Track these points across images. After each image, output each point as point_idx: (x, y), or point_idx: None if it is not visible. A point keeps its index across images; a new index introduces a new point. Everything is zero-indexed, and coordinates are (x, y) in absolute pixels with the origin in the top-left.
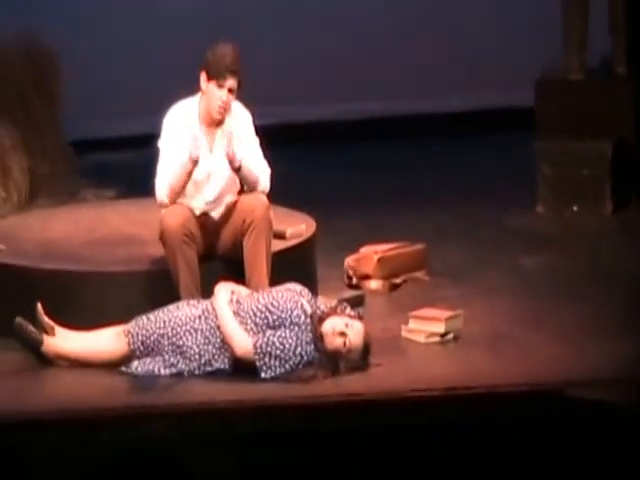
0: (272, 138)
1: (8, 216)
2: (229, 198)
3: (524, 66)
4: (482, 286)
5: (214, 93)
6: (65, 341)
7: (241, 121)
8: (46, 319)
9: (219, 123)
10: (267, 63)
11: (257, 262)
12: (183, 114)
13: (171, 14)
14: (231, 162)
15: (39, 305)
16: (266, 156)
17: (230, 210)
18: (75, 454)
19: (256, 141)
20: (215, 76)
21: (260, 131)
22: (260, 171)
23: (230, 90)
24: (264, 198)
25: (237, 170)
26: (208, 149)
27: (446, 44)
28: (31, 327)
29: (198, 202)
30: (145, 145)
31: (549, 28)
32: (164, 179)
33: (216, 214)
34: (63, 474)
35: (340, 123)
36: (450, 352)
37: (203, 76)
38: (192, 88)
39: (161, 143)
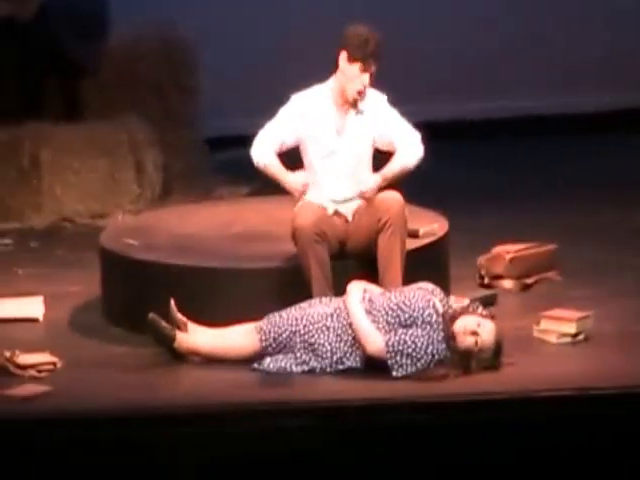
0: None
1: (142, 212)
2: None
3: None
4: (613, 286)
5: (355, 76)
6: (197, 337)
7: (376, 103)
8: (179, 315)
9: (352, 105)
10: (396, 63)
11: (391, 261)
12: (313, 93)
13: (308, 12)
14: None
15: (172, 301)
16: None
17: (364, 208)
18: (206, 448)
19: (397, 114)
20: (360, 59)
21: None
22: (410, 144)
23: (371, 74)
24: (399, 196)
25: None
26: (336, 130)
27: (575, 42)
28: (164, 323)
29: (327, 190)
30: None
31: None
32: (265, 140)
33: (347, 210)
34: (194, 468)
35: (471, 122)
36: (581, 352)
37: (343, 55)
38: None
39: (277, 116)
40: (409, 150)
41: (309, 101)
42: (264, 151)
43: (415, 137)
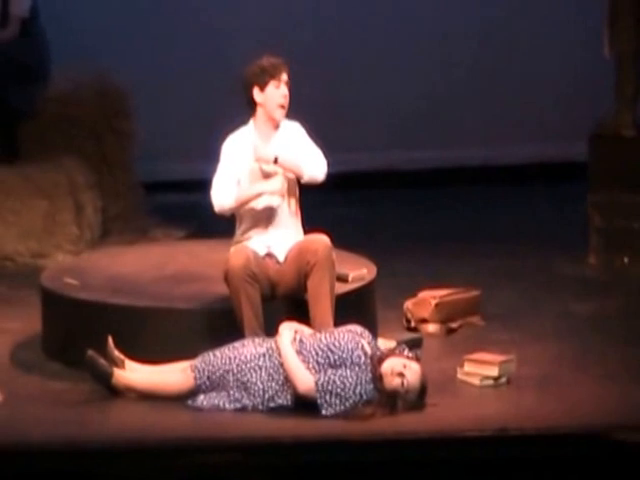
0: (338, 184)
1: (81, 253)
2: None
3: (582, 119)
4: (534, 331)
5: (274, 94)
6: (134, 374)
7: (292, 131)
8: (116, 352)
9: (275, 129)
10: (332, 113)
11: (321, 302)
12: (240, 137)
13: (243, 54)
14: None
15: (109, 339)
16: (331, 200)
17: (294, 251)
18: None
19: (309, 140)
20: (271, 77)
21: (328, 177)
22: (314, 159)
23: (286, 84)
24: (327, 240)
25: (275, 162)
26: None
27: (501, 96)
28: (102, 360)
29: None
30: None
31: (605, 80)
32: (223, 185)
33: (279, 252)
34: None
35: (399, 171)
36: (502, 394)
37: (255, 90)
38: None
39: (220, 164)
40: (314, 164)
41: (238, 140)
42: (226, 195)
43: (322, 160)
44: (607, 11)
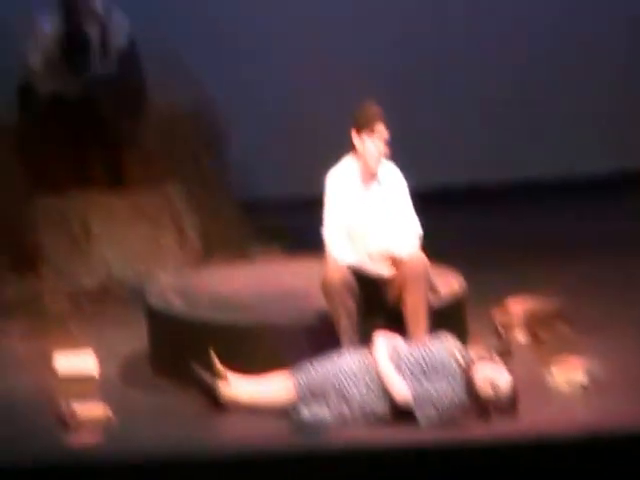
0: (425, 201)
1: (184, 273)
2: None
3: None
4: (619, 337)
5: (368, 144)
6: (237, 386)
7: (393, 179)
8: (219, 366)
9: (374, 177)
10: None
11: (416, 315)
12: (342, 175)
13: (335, 82)
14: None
15: (213, 353)
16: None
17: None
18: None
19: (407, 199)
20: (366, 125)
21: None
22: (404, 234)
23: (384, 139)
24: (423, 255)
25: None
26: (366, 204)
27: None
28: (207, 374)
29: (360, 255)
30: (308, 207)
31: None
32: (336, 236)
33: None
34: None
35: (482, 186)
36: (591, 399)
37: (354, 134)
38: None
39: (327, 202)
40: (405, 242)
41: (342, 179)
42: (344, 250)
43: (414, 231)
44: None
